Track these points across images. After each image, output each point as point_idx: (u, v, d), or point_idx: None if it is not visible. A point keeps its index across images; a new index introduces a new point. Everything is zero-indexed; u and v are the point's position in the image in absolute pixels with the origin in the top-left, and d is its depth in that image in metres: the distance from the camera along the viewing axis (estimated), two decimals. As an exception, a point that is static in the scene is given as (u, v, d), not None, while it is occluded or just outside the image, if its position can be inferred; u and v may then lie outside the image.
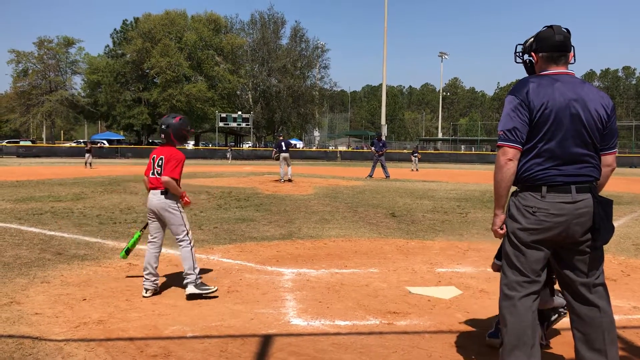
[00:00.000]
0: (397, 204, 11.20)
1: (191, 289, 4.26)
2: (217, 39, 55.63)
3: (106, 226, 7.78)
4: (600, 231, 2.51)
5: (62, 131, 76.49)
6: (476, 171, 30.33)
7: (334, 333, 3.56)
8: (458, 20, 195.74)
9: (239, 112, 51.54)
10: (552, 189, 2.52)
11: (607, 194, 2.85)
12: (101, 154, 42.31)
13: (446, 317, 3.92)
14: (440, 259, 5.90)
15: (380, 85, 63.60)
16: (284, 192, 13.76)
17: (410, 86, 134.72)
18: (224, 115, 49.85)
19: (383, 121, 51.11)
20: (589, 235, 2.55)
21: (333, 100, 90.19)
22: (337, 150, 57.45)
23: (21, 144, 49.18)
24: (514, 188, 2.68)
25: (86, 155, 26.67)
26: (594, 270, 2.60)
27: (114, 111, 54.90)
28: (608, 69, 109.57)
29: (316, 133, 75.49)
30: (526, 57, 2.79)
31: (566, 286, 2.69)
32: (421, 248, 6.54)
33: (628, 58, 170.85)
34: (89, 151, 26.77)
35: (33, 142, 55.30)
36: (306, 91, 59.91)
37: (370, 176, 20.29)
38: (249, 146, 60.09)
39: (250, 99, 60.22)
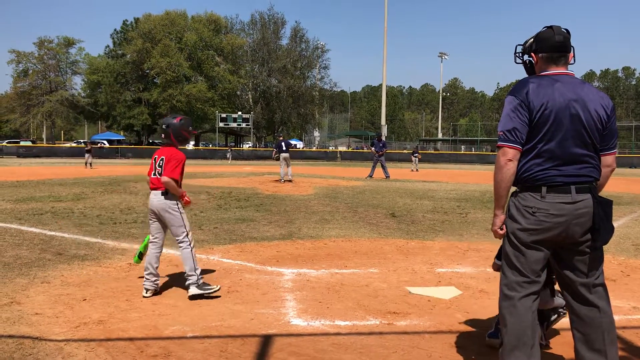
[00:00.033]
0: (397, 204, 11.20)
1: (193, 290, 4.27)
2: (217, 40, 55.64)
3: (106, 226, 7.79)
4: (600, 231, 2.51)
5: (62, 131, 76.55)
6: (476, 171, 30.33)
7: (334, 333, 3.56)
8: (458, 21, 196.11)
9: (239, 113, 51.57)
10: (552, 189, 2.52)
11: (607, 194, 2.85)
12: (101, 154, 42.33)
13: (446, 317, 3.92)
14: (440, 259, 5.90)
15: (380, 85, 63.63)
16: (284, 192, 13.77)
17: (410, 86, 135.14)
18: (224, 115, 49.88)
19: (383, 121, 51.14)
20: (588, 236, 2.55)
21: (333, 101, 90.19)
22: (337, 150, 57.47)
23: (21, 144, 49.23)
24: (513, 188, 2.68)
25: (86, 155, 26.74)
26: (593, 270, 2.60)
27: (114, 111, 54.93)
28: (608, 69, 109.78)
29: (316, 133, 75.46)
30: (526, 57, 2.79)
31: (566, 286, 2.70)
32: (421, 248, 6.55)
33: (628, 58, 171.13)
34: (88, 151, 26.85)
35: (33, 142, 55.36)
36: (306, 91, 59.93)
37: (370, 176, 20.29)
38: (249, 146, 60.10)
39: (251, 99, 60.24)
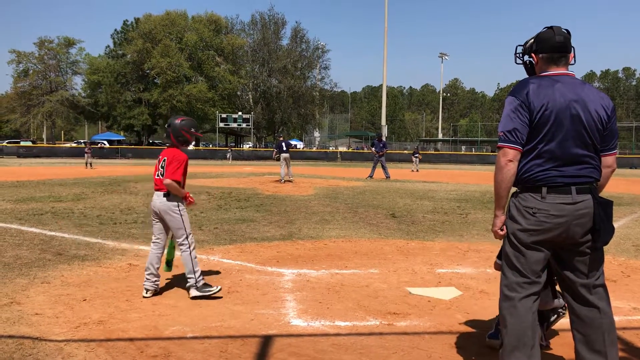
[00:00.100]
0: (398, 205, 11.20)
1: (193, 292, 4.28)
2: (217, 40, 55.65)
3: (106, 226, 7.79)
4: (601, 232, 2.51)
5: (62, 131, 76.57)
6: (476, 172, 30.33)
7: (334, 334, 3.56)
8: (458, 21, 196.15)
9: (240, 113, 51.59)
10: (552, 189, 2.52)
11: (608, 194, 2.85)
12: (102, 154, 42.37)
13: (446, 318, 3.92)
14: (441, 260, 5.90)
15: (381, 85, 63.65)
16: (284, 192, 13.76)
17: (410, 87, 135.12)
18: (224, 115, 49.91)
19: (383, 122, 51.16)
20: (589, 236, 2.54)
21: (333, 101, 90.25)
22: (338, 150, 57.50)
23: (22, 144, 49.26)
24: (514, 189, 2.68)
25: (86, 155, 26.78)
26: (594, 271, 2.60)
27: (114, 112, 54.95)
28: (608, 70, 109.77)
29: (316, 134, 75.52)
30: (526, 58, 2.78)
31: (566, 287, 2.69)
32: (421, 249, 6.54)
33: (628, 59, 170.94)
34: (88, 151, 26.90)
35: (33, 142, 55.36)
36: (306, 92, 59.95)
37: (371, 177, 20.28)
38: (249, 147, 60.10)
39: (251, 100, 60.27)
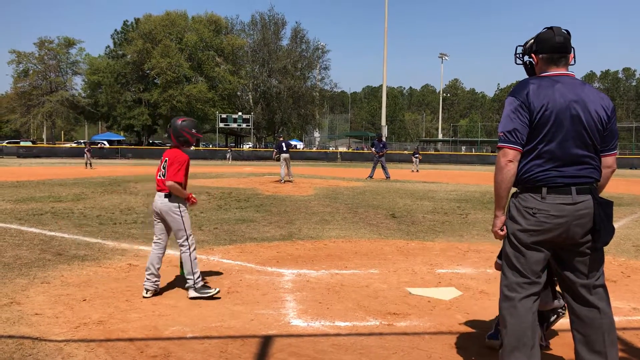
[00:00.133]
0: (398, 205, 11.20)
1: (192, 293, 4.29)
2: (217, 40, 55.65)
3: (106, 227, 7.78)
4: (601, 232, 2.51)
5: (62, 132, 76.57)
6: (476, 172, 30.33)
7: (334, 334, 3.56)
8: (458, 22, 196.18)
9: (240, 113, 51.55)
10: (552, 190, 2.52)
11: (608, 195, 2.85)
12: (101, 154, 42.36)
13: (446, 318, 3.92)
14: (441, 260, 5.90)
15: (381, 86, 63.66)
16: (284, 192, 13.76)
17: (410, 87, 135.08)
18: (224, 116, 49.88)
19: (383, 122, 51.16)
20: (589, 237, 2.54)
21: (333, 101, 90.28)
22: (338, 151, 57.48)
23: (21, 144, 49.28)
24: (514, 189, 2.68)
25: (86, 155, 26.80)
26: (594, 271, 2.60)
27: (114, 112, 54.95)
28: (608, 70, 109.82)
29: (316, 134, 75.51)
30: (526, 58, 2.78)
31: (566, 287, 2.69)
32: (421, 249, 6.54)
33: (628, 59, 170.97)
34: (88, 151, 26.93)
35: (33, 142, 55.40)
36: (306, 92, 59.94)
37: (371, 177, 20.28)
38: (249, 147, 60.11)
39: (251, 100, 60.26)
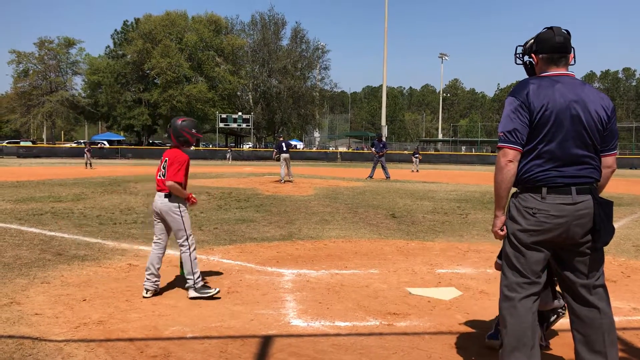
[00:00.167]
0: (398, 205, 11.20)
1: (192, 293, 4.30)
2: (217, 40, 55.65)
3: (106, 227, 7.78)
4: (601, 232, 2.51)
5: (62, 132, 76.57)
6: (476, 172, 30.33)
7: (334, 334, 3.56)
8: (458, 22, 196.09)
9: (240, 113, 51.55)
10: (552, 190, 2.52)
11: (608, 195, 2.85)
12: (101, 154, 42.35)
13: (446, 318, 3.92)
14: (441, 260, 5.90)
15: (381, 86, 63.67)
16: (284, 192, 13.76)
17: (410, 87, 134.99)
18: (224, 116, 49.88)
19: (383, 122, 51.16)
20: (589, 237, 2.54)
21: (333, 101, 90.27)
22: (338, 151, 57.47)
23: (21, 144, 49.26)
24: (514, 189, 2.68)
25: (85, 155, 26.80)
26: (594, 271, 2.60)
27: (114, 112, 54.95)
28: (608, 70, 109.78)
29: (316, 134, 75.49)
30: (526, 58, 2.78)
31: (566, 287, 2.69)
32: (421, 249, 6.54)
33: (628, 59, 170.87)
34: (88, 152, 26.94)
35: (33, 142, 55.38)
36: (306, 92, 59.94)
37: (371, 177, 20.28)
38: (249, 147, 60.10)
39: (251, 100, 60.25)
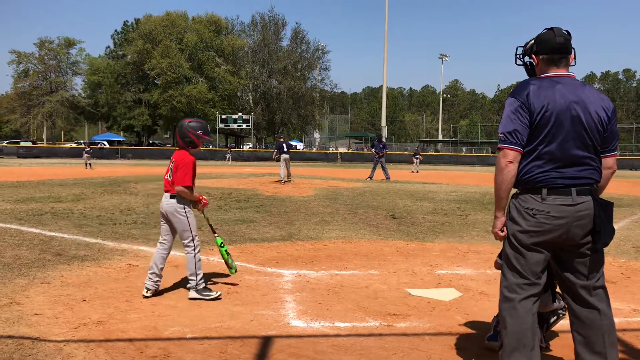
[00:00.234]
0: (397, 206, 11.20)
1: (192, 293, 4.30)
2: (217, 41, 55.68)
3: (106, 227, 7.78)
4: (601, 234, 2.51)
5: (62, 132, 76.56)
6: (476, 173, 30.33)
7: (334, 335, 3.56)
8: (459, 22, 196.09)
9: (240, 114, 51.54)
10: (553, 191, 2.51)
11: (608, 196, 2.85)
12: (101, 154, 42.34)
13: (446, 319, 3.91)
14: (440, 261, 5.89)
15: (381, 87, 63.70)
16: (284, 193, 13.76)
17: (410, 88, 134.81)
18: (224, 116, 49.86)
19: (383, 123, 51.18)
20: (589, 238, 2.54)
21: (333, 102, 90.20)
22: (338, 151, 57.49)
23: (22, 144, 49.24)
24: (514, 190, 2.68)
25: (85, 155, 26.79)
26: (594, 272, 2.60)
27: (114, 112, 54.97)
28: (608, 71, 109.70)
29: (316, 134, 75.51)
30: (527, 59, 2.78)
31: (566, 289, 2.69)
32: (421, 250, 6.54)
33: (628, 60, 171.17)
34: (87, 152, 26.93)
35: (33, 142, 55.34)
36: (307, 93, 59.95)
37: (371, 178, 20.28)
38: (249, 147, 60.08)
39: (251, 100, 60.25)
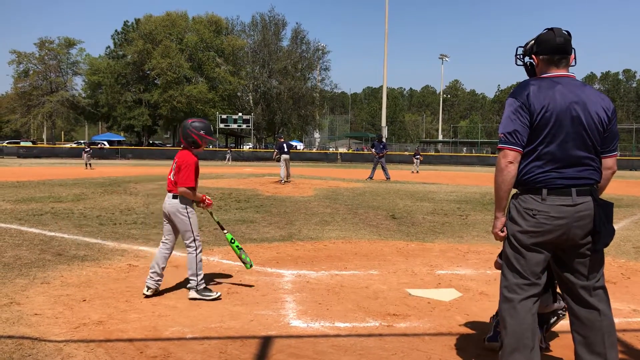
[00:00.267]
0: (397, 206, 11.19)
1: (192, 294, 4.30)
2: (218, 41, 55.68)
3: (106, 227, 7.78)
4: (601, 234, 2.51)
5: (62, 132, 76.58)
6: (476, 173, 30.33)
7: (334, 335, 3.56)
8: (459, 23, 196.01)
9: (240, 114, 51.55)
10: (553, 191, 2.51)
11: (608, 196, 2.85)
12: (102, 154, 42.33)
13: (446, 319, 3.91)
14: (440, 261, 5.89)
15: (381, 87, 63.69)
16: (284, 193, 13.76)
17: (410, 88, 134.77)
18: (224, 116, 49.87)
19: (383, 123, 51.18)
20: (589, 238, 2.54)
21: (333, 102, 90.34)
22: (338, 152, 57.50)
23: (22, 144, 49.26)
24: (514, 190, 2.68)
25: (85, 156, 26.79)
26: (594, 273, 2.60)
27: (114, 112, 54.94)
28: (608, 71, 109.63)
29: (316, 135, 75.51)
30: (527, 59, 2.78)
31: (566, 289, 2.69)
32: (421, 250, 6.54)
33: (628, 61, 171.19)
34: (87, 152, 26.94)
35: (34, 142, 55.40)
36: (307, 93, 59.94)
37: (371, 178, 20.28)
38: (249, 148, 60.08)
39: (251, 101, 60.25)
